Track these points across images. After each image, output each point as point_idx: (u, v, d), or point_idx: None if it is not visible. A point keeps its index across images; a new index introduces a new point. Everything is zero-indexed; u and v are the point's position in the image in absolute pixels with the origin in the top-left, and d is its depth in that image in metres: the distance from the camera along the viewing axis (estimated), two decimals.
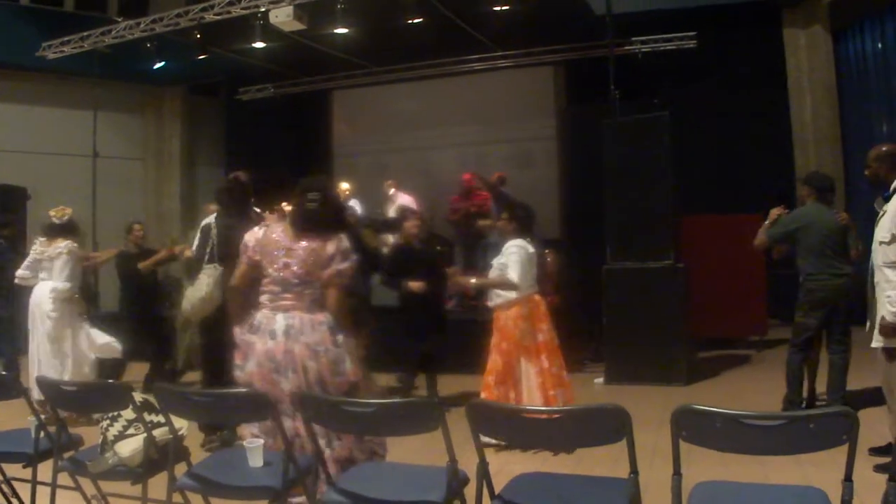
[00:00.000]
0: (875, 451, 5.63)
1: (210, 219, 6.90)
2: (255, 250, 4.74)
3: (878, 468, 5.12)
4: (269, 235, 4.74)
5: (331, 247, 4.64)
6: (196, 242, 6.89)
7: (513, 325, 6.65)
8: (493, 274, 6.80)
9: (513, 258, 6.63)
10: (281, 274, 4.60)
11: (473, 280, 7.15)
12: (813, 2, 13.67)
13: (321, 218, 4.74)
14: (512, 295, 6.65)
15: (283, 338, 4.53)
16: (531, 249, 6.82)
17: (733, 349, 11.00)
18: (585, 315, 10.25)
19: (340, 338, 4.63)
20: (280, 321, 4.57)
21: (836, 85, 13.80)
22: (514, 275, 6.58)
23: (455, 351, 8.57)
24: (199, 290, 6.51)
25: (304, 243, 4.63)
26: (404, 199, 12.46)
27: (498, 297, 6.77)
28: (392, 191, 12.80)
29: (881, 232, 5.58)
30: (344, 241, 4.74)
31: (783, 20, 14.01)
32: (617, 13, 11.00)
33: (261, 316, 4.65)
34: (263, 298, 4.67)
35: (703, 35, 13.85)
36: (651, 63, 14.00)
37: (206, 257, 6.65)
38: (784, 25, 14.02)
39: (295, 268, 4.58)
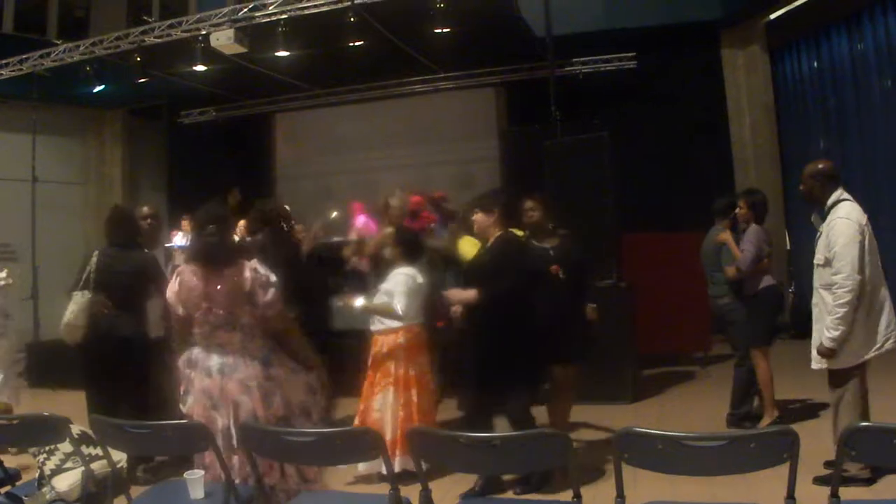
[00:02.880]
0: (830, 465, 5.68)
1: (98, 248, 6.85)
2: (177, 303, 4.72)
3: (818, 480, 5.17)
4: (184, 283, 4.71)
5: (246, 283, 4.62)
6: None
7: (388, 352, 6.50)
8: (378, 299, 6.54)
9: (399, 287, 6.43)
10: (206, 317, 4.57)
11: (359, 302, 6.83)
12: (750, 22, 13.91)
13: (222, 250, 4.72)
14: (394, 323, 6.47)
15: (219, 376, 4.53)
16: (420, 279, 6.59)
17: (678, 366, 11.07)
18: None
19: (273, 371, 4.63)
20: (215, 359, 4.57)
21: (774, 104, 14.03)
22: (399, 305, 6.37)
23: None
24: (64, 316, 6.47)
25: (218, 285, 4.60)
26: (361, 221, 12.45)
27: (380, 323, 6.59)
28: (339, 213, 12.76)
29: (817, 254, 5.71)
30: (259, 271, 4.70)
31: (721, 41, 14.25)
32: (557, 34, 11.10)
33: (197, 352, 4.64)
34: (197, 336, 4.65)
35: (642, 56, 14.01)
36: (591, 84, 14.11)
37: (81, 284, 6.62)
38: (722, 46, 14.25)
39: (218, 310, 4.55)
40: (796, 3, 13.05)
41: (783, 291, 7.69)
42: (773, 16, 13.72)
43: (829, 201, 5.70)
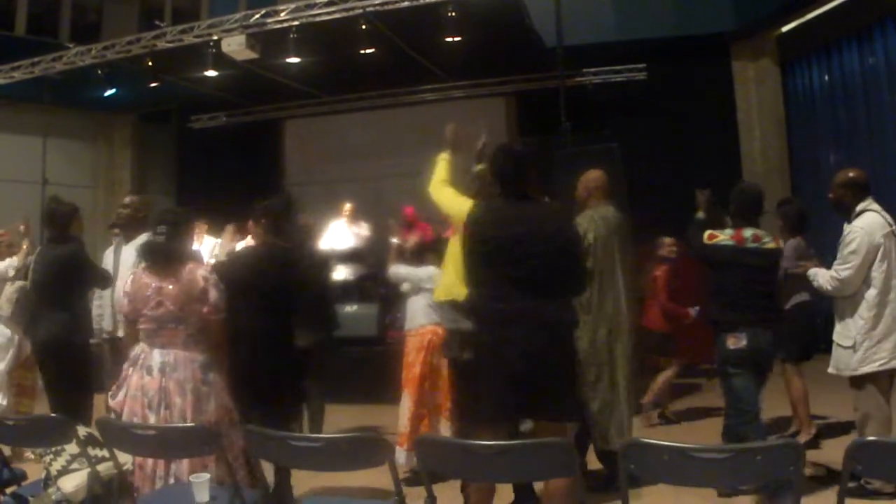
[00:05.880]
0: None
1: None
2: (127, 304, 4.83)
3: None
4: (137, 279, 4.81)
5: (201, 281, 4.75)
6: None
7: (435, 346, 6.55)
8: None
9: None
10: (155, 313, 4.62)
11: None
12: (761, 35, 13.90)
13: (167, 251, 4.80)
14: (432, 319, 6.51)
15: (159, 374, 4.60)
16: None
17: (684, 377, 11.01)
18: None
19: (211, 376, 4.69)
20: (157, 357, 4.64)
21: (784, 117, 14.01)
22: None
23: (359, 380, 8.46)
24: None
25: (172, 281, 4.70)
26: (357, 229, 12.51)
27: (411, 322, 6.74)
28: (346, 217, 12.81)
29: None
30: (210, 274, 4.87)
31: (732, 53, 14.24)
32: (568, 45, 11.08)
33: (139, 349, 4.71)
34: (141, 334, 4.70)
35: (653, 67, 14.01)
36: (601, 95, 14.12)
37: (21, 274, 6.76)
38: (733, 58, 14.24)
39: (169, 305, 4.62)
40: (808, 17, 13.06)
41: (817, 306, 7.49)
42: (784, 29, 13.73)
43: (856, 210, 5.72)
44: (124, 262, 6.71)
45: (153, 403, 4.56)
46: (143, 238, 6.63)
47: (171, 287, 4.67)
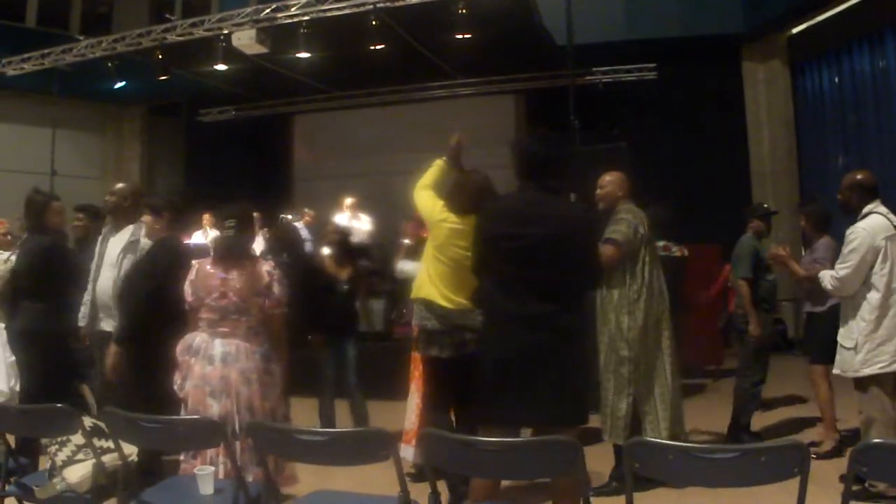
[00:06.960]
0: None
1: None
2: (191, 293, 4.86)
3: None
4: (202, 270, 4.88)
5: (266, 276, 4.82)
6: None
7: None
8: None
9: None
10: (218, 303, 4.69)
11: None
12: (772, 37, 13.89)
13: (236, 245, 4.90)
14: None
15: (221, 364, 4.68)
16: None
17: (689, 378, 10.99)
18: None
19: (272, 366, 4.77)
20: (218, 347, 4.71)
21: (793, 119, 14.00)
22: None
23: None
24: None
25: (237, 274, 4.78)
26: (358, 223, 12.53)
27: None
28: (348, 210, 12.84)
29: None
30: (275, 269, 4.94)
31: (742, 54, 14.22)
32: (578, 44, 11.07)
33: (200, 339, 4.78)
34: (202, 323, 4.77)
35: (663, 67, 13.99)
36: (611, 94, 14.10)
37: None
38: (743, 59, 14.24)
39: (232, 297, 4.70)
40: (818, 19, 13.04)
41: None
42: (794, 31, 13.71)
43: (863, 212, 5.70)
44: (108, 252, 6.54)
45: (216, 392, 4.65)
46: (129, 230, 6.53)
47: (236, 279, 4.76)
